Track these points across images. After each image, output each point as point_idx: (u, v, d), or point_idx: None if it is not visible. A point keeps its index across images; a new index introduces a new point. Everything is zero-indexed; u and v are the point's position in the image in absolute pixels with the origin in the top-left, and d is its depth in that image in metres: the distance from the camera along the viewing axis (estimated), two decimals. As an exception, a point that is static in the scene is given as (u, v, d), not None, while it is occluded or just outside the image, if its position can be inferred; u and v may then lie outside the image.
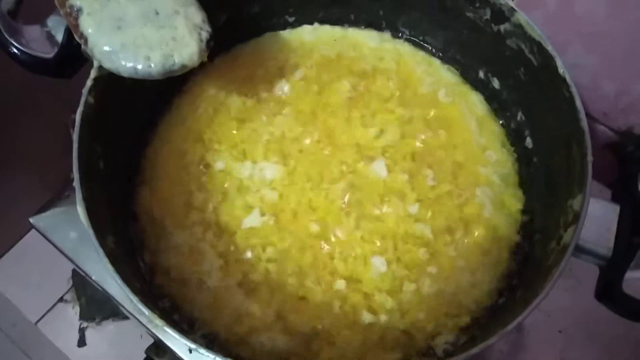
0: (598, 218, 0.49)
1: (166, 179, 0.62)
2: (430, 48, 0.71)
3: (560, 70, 0.54)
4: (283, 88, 0.66)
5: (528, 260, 0.58)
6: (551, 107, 0.58)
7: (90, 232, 0.46)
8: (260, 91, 0.66)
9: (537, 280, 0.50)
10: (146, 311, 0.43)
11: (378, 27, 0.72)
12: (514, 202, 0.62)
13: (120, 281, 0.44)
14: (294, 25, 0.72)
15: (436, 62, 0.70)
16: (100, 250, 0.46)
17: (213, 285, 0.56)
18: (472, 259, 0.59)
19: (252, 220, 0.58)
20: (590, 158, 0.50)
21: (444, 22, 0.67)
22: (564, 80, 0.54)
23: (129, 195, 0.61)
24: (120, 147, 0.60)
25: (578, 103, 0.52)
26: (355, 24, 0.72)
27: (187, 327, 0.55)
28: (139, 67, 0.51)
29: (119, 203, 0.58)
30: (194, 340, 0.44)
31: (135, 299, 0.44)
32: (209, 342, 0.55)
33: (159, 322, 0.43)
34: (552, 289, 0.45)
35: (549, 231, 0.54)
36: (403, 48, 0.71)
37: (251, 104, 0.65)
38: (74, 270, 1.06)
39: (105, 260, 0.45)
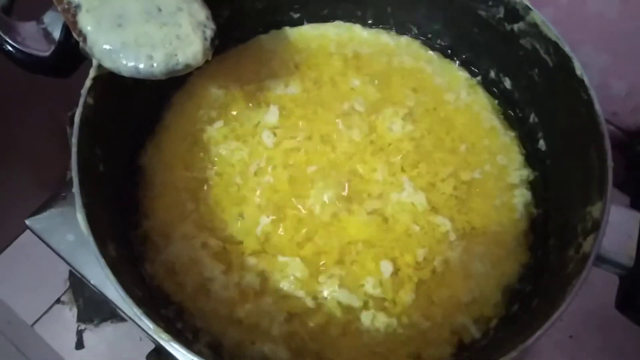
0: (618, 225, 0.47)
1: (166, 184, 0.60)
2: (439, 47, 0.69)
3: (578, 72, 0.52)
4: (288, 88, 0.64)
5: (542, 267, 0.56)
6: (567, 109, 0.56)
7: (91, 240, 0.44)
8: (264, 92, 0.64)
9: (554, 289, 0.48)
10: (151, 325, 0.41)
11: (386, 25, 0.70)
12: (525, 205, 0.61)
13: (123, 293, 0.42)
14: (299, 22, 0.70)
15: (445, 61, 0.69)
16: (102, 260, 0.44)
17: (216, 294, 0.54)
18: (483, 263, 0.57)
19: (259, 227, 0.56)
20: (610, 163, 0.48)
21: (454, 20, 0.66)
22: (582, 82, 0.52)
23: (129, 200, 0.59)
24: (120, 149, 0.58)
25: (597, 106, 0.50)
26: (362, 21, 0.70)
27: (191, 336, 0.54)
28: (141, 66, 0.48)
29: (118, 208, 0.56)
30: (200, 352, 0.43)
31: (139, 312, 0.42)
32: (214, 350, 0.53)
33: (165, 336, 0.41)
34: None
35: (565, 237, 0.52)
36: (412, 46, 0.69)
37: (255, 105, 0.63)
38: (71, 271, 1.04)
39: (107, 271, 0.43)
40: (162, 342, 0.58)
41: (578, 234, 0.49)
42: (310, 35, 0.69)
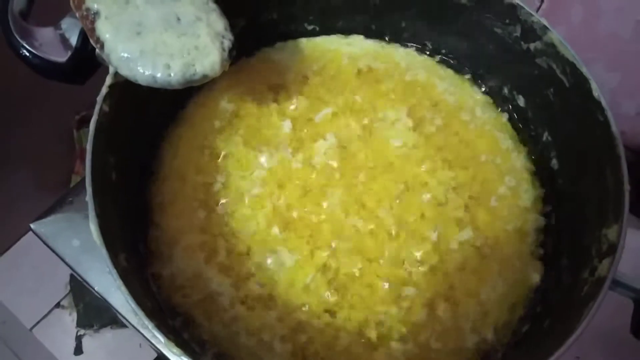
0: (633, 249, 0.47)
1: (176, 193, 0.59)
2: (453, 63, 0.69)
3: (595, 93, 0.52)
4: (300, 100, 0.64)
5: (554, 287, 0.56)
6: (582, 130, 0.56)
7: (104, 251, 0.44)
8: (278, 103, 0.64)
9: (569, 312, 0.48)
10: (162, 338, 0.41)
11: (400, 40, 0.70)
12: (536, 223, 0.60)
13: (134, 305, 0.42)
14: (314, 33, 0.70)
15: (458, 76, 0.69)
16: (114, 271, 0.43)
17: (224, 306, 0.54)
18: (492, 282, 0.57)
19: (269, 238, 0.56)
20: (627, 186, 0.48)
21: (469, 36, 0.65)
22: (599, 104, 0.52)
23: (139, 209, 0.58)
24: (132, 158, 0.57)
25: (614, 129, 0.50)
26: (376, 35, 0.70)
27: (198, 348, 0.53)
28: (158, 75, 0.48)
29: (129, 217, 0.55)
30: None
31: (150, 325, 0.41)
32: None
33: (176, 350, 0.41)
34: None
35: (578, 259, 0.52)
36: (426, 61, 0.69)
37: (268, 117, 0.63)
38: (72, 275, 1.03)
39: (119, 283, 0.42)
40: (164, 350, 0.57)
41: (593, 256, 0.49)
42: (324, 48, 0.68)
